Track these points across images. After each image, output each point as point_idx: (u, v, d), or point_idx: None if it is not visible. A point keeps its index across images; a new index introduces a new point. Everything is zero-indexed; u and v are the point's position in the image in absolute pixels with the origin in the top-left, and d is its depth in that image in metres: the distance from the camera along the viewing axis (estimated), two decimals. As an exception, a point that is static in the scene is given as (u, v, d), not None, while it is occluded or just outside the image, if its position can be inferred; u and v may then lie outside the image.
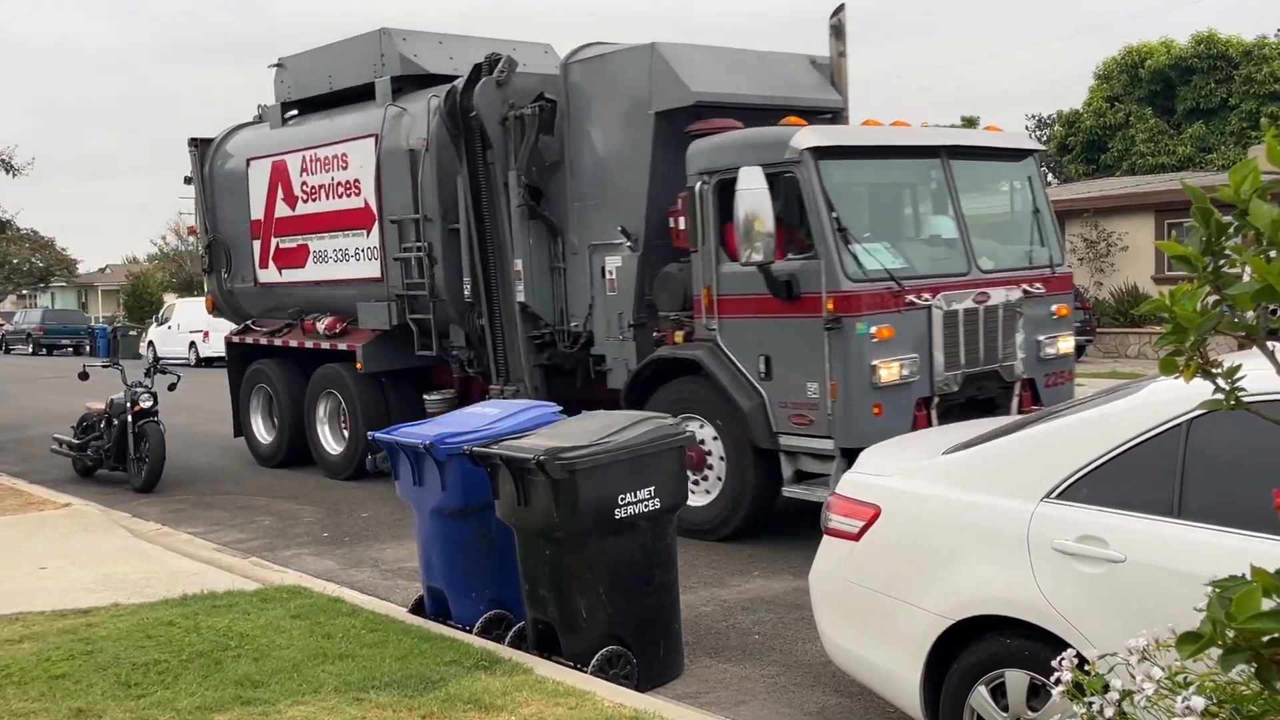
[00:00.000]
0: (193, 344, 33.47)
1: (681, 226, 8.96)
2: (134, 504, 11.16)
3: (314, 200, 12.41)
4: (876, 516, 4.58)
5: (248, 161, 13.33)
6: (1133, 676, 2.02)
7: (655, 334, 9.35)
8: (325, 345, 12.30)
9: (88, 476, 12.74)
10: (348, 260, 12.08)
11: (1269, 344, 1.89)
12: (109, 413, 12.24)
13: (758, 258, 7.81)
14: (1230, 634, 1.30)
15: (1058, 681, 2.20)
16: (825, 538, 4.82)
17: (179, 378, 12.90)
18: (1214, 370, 1.82)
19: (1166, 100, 36.02)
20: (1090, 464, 4.04)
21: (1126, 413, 4.07)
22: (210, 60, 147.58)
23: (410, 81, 11.68)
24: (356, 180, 11.80)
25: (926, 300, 8.10)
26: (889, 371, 7.88)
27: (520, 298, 10.20)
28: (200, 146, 14.04)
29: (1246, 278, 1.82)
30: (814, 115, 9.56)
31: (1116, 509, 3.93)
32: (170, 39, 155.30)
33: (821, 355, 7.90)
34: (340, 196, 12.04)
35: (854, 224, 8.19)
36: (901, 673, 4.48)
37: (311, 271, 12.61)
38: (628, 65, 9.46)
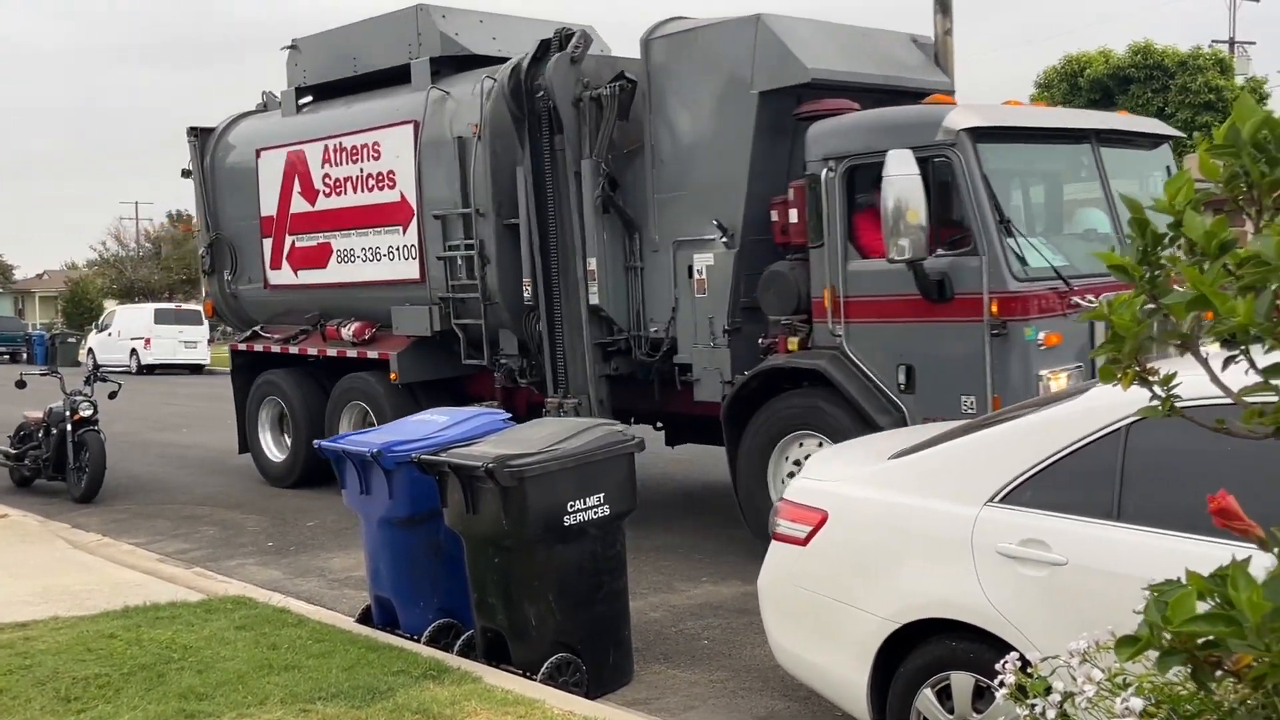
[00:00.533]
0: (133, 351, 33.02)
1: (793, 219, 7.97)
2: (74, 514, 10.96)
3: (339, 194, 11.24)
4: (824, 522, 4.62)
5: (257, 153, 12.14)
6: (1074, 678, 2.06)
7: (761, 340, 8.27)
8: (352, 354, 11.19)
9: (25, 487, 12.48)
10: (379, 260, 10.92)
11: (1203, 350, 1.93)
12: (47, 421, 11.99)
13: (909, 254, 6.85)
14: (1167, 637, 1.33)
15: (1002, 684, 2.24)
16: (773, 543, 4.85)
17: (120, 386, 12.69)
18: (1151, 377, 1.86)
19: (1105, 108, 36.70)
20: (1032, 468, 4.10)
21: (1067, 418, 4.13)
22: (155, 62, 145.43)
23: (448, 64, 10.55)
24: (391, 171, 10.66)
25: (1091, 302, 6.96)
26: (1057, 383, 6.99)
27: (593, 300, 9.18)
28: (200, 137, 12.81)
29: (1181, 287, 1.87)
30: (920, 98, 8.52)
31: (1058, 512, 3.99)
32: (113, 39, 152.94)
33: (981, 364, 7.00)
34: (371, 190, 10.88)
35: (1013, 215, 7.35)
36: (848, 676, 4.52)
37: (335, 272, 11.42)
38: (726, 40, 8.41)
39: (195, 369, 33.14)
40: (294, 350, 11.89)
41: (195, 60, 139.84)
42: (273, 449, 12.36)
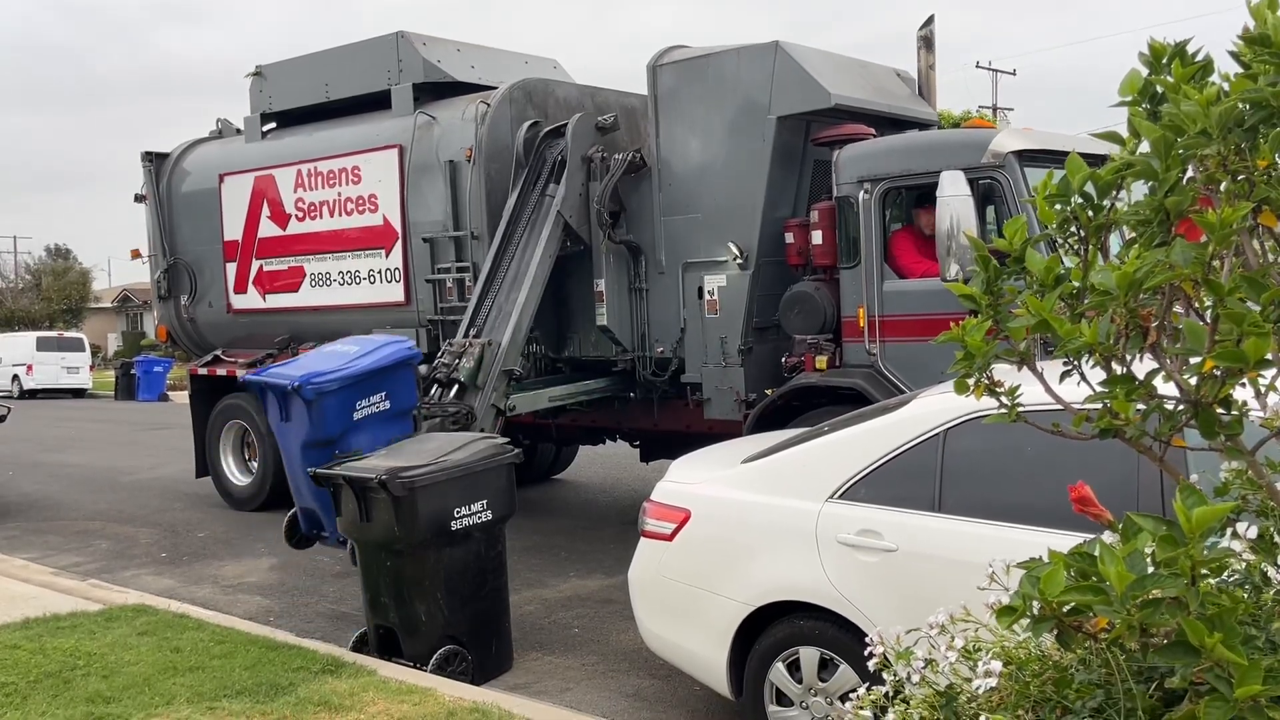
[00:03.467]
0: (15, 377, 31.06)
1: (817, 241, 7.49)
2: (-35, 533, 10.20)
3: (313, 218, 10.32)
4: (687, 519, 4.67)
5: (220, 178, 11.12)
6: (933, 648, 2.13)
7: (786, 359, 7.68)
8: None
9: (-86, 507, 11.56)
10: (358, 283, 10.02)
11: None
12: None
13: (965, 272, 6.34)
14: (1037, 606, 1.40)
15: (870, 656, 2.30)
16: (642, 539, 4.87)
17: (9, 410, 11.87)
18: (998, 390, 1.95)
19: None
20: (866, 468, 4.24)
21: (895, 424, 4.29)
22: (35, 107, 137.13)
23: (427, 90, 9.78)
24: (373, 195, 9.82)
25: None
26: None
27: (601, 321, 8.63)
28: (155, 162, 11.79)
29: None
30: (911, 126, 8.38)
31: (889, 506, 4.13)
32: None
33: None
34: (350, 213, 10.02)
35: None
36: (710, 655, 4.57)
37: (308, 296, 10.43)
38: (742, 66, 7.90)
39: (77, 393, 31.36)
40: None
41: (67, 105, 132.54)
42: (235, 473, 11.26)
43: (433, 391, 7.67)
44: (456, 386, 7.71)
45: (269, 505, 10.67)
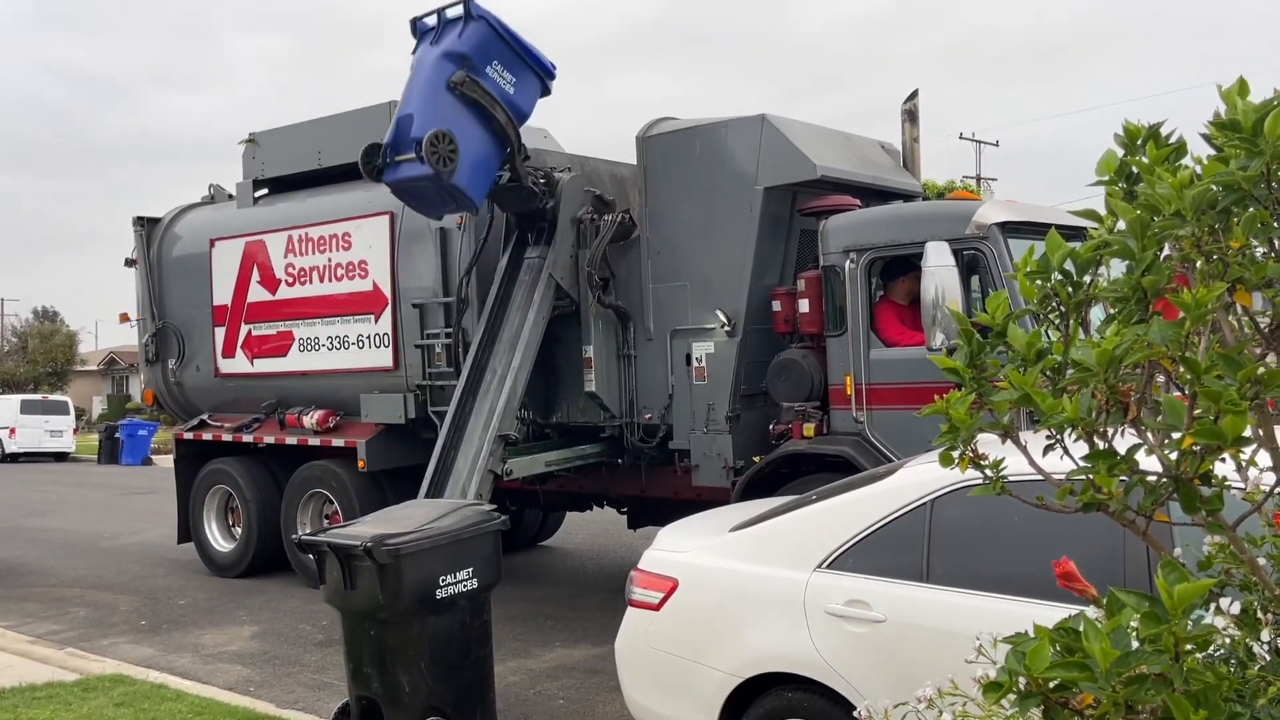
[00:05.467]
0: (-1, 440, 30.77)
1: (804, 309, 7.57)
2: (-59, 599, 10.05)
3: (303, 283, 10.34)
4: (675, 588, 4.64)
5: (211, 242, 11.12)
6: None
7: (773, 426, 7.74)
8: (315, 441, 10.09)
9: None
10: (347, 348, 10.02)
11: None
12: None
13: (950, 341, 6.42)
14: (1023, 682, 1.40)
15: (858, 728, 2.28)
16: (629, 608, 4.83)
17: (-9, 474, 11.76)
18: (983, 462, 1.97)
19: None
20: (854, 538, 4.23)
21: (882, 494, 4.29)
22: (17, 170, 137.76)
23: None
24: (363, 261, 9.86)
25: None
26: None
27: (589, 387, 8.65)
28: (147, 226, 11.83)
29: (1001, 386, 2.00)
30: (896, 197, 8.51)
31: (877, 576, 4.12)
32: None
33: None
34: (340, 279, 10.05)
35: None
36: (698, 727, 4.51)
37: (296, 361, 10.41)
38: (729, 138, 8.04)
39: (60, 457, 31.09)
40: (248, 439, 10.72)
41: (59, 168, 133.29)
42: (218, 538, 11.15)
43: None
44: None
45: (252, 572, 10.62)
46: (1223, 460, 1.67)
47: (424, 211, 8.58)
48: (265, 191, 11.28)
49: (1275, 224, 1.68)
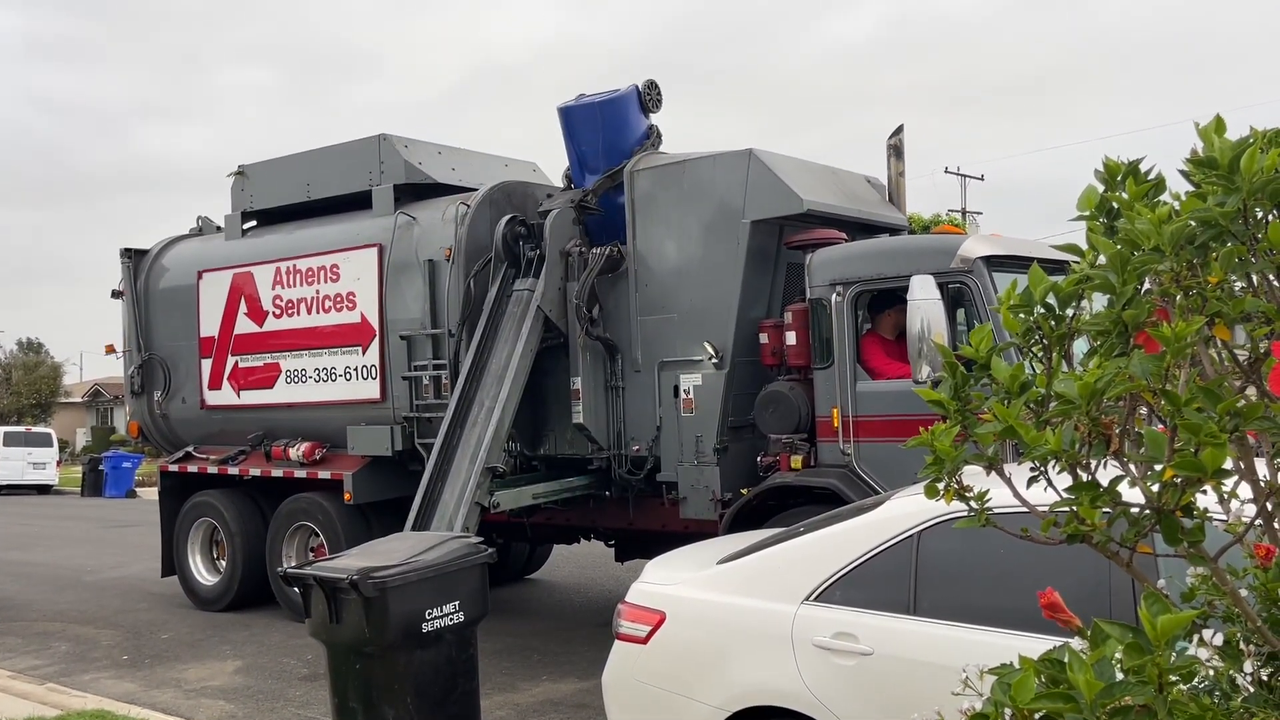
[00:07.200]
0: (-19, 473, 30.48)
1: (791, 341, 7.63)
2: (-80, 634, 9.92)
3: (291, 315, 10.28)
4: (662, 621, 4.62)
5: (199, 274, 11.03)
6: (909, 754, 2.12)
7: (761, 458, 7.79)
8: (301, 474, 10.00)
9: None
10: (334, 380, 9.95)
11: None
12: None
13: (936, 374, 6.39)
14: (1009, 714, 1.41)
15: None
16: (617, 642, 4.81)
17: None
18: (967, 494, 1.99)
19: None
20: (841, 570, 4.23)
21: (869, 526, 4.30)
22: (3, 201, 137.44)
23: (406, 191, 9.84)
24: (351, 293, 9.81)
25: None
26: None
27: (577, 419, 8.58)
28: (134, 258, 11.72)
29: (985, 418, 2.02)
30: (882, 231, 8.61)
31: (865, 609, 4.11)
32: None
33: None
34: (328, 311, 9.98)
35: None
36: (686, 762, 4.47)
37: (283, 393, 10.33)
38: (717, 172, 8.08)
39: (43, 489, 30.81)
40: (233, 471, 10.58)
41: (46, 200, 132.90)
42: (202, 571, 11.02)
43: None
44: None
45: (236, 605, 10.50)
46: (1204, 492, 1.68)
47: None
48: (254, 224, 11.25)
49: (1253, 259, 1.71)
